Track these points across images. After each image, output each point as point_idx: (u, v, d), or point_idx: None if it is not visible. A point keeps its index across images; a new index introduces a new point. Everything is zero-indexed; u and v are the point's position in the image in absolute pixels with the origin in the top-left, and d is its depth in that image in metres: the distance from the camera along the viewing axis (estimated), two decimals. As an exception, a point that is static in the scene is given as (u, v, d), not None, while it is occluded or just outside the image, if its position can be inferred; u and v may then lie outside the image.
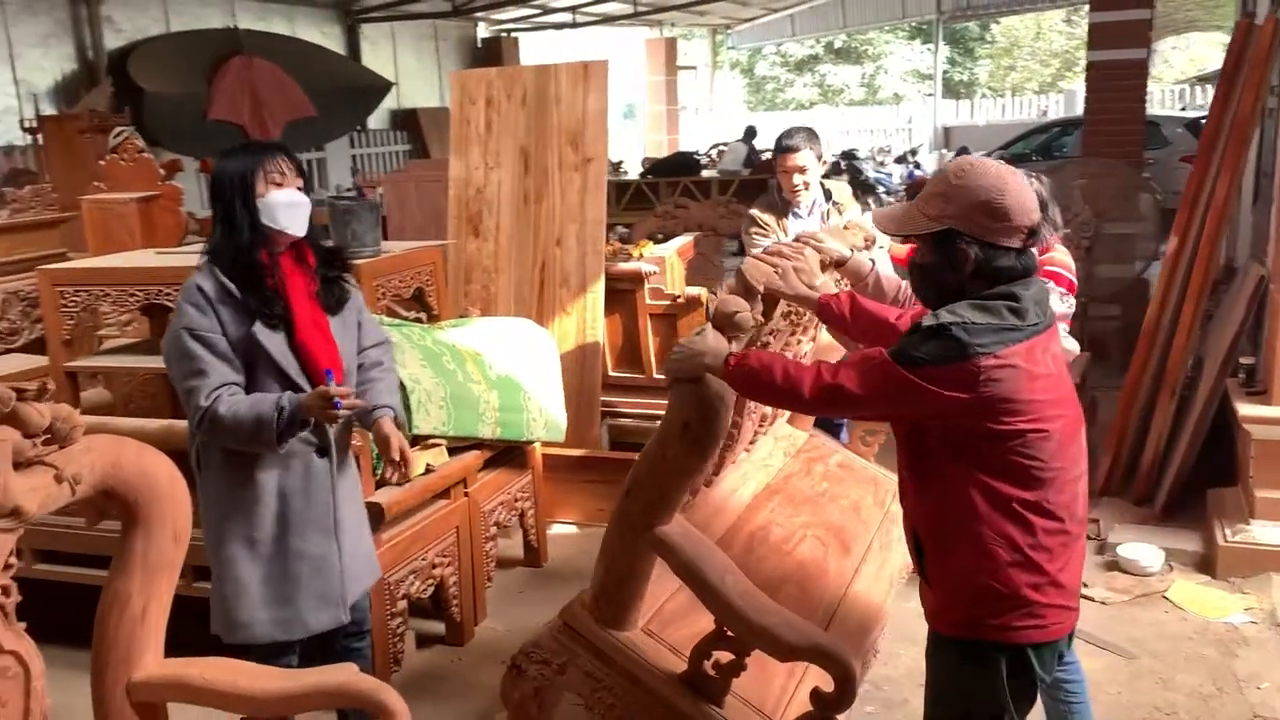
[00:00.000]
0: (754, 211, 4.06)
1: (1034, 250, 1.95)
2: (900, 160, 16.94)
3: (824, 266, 2.64)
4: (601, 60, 5.03)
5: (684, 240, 5.92)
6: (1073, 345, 2.67)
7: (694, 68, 23.78)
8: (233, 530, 2.52)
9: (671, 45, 19.98)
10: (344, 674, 2.00)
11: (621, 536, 2.35)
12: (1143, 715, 3.14)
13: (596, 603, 2.39)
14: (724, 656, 2.23)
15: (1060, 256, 3.19)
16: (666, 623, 2.44)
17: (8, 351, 5.23)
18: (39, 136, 8.78)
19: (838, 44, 25.47)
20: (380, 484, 3.26)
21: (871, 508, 3.33)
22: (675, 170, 11.53)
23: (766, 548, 2.84)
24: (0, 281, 5.25)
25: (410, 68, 16.02)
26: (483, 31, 17.98)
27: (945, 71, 25.07)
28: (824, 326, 2.76)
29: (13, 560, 1.86)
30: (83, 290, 3.98)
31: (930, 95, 22.83)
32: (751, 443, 3.30)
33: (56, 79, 10.60)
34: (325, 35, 14.35)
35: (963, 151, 14.88)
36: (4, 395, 1.85)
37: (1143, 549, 4.02)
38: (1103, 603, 3.81)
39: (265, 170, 2.45)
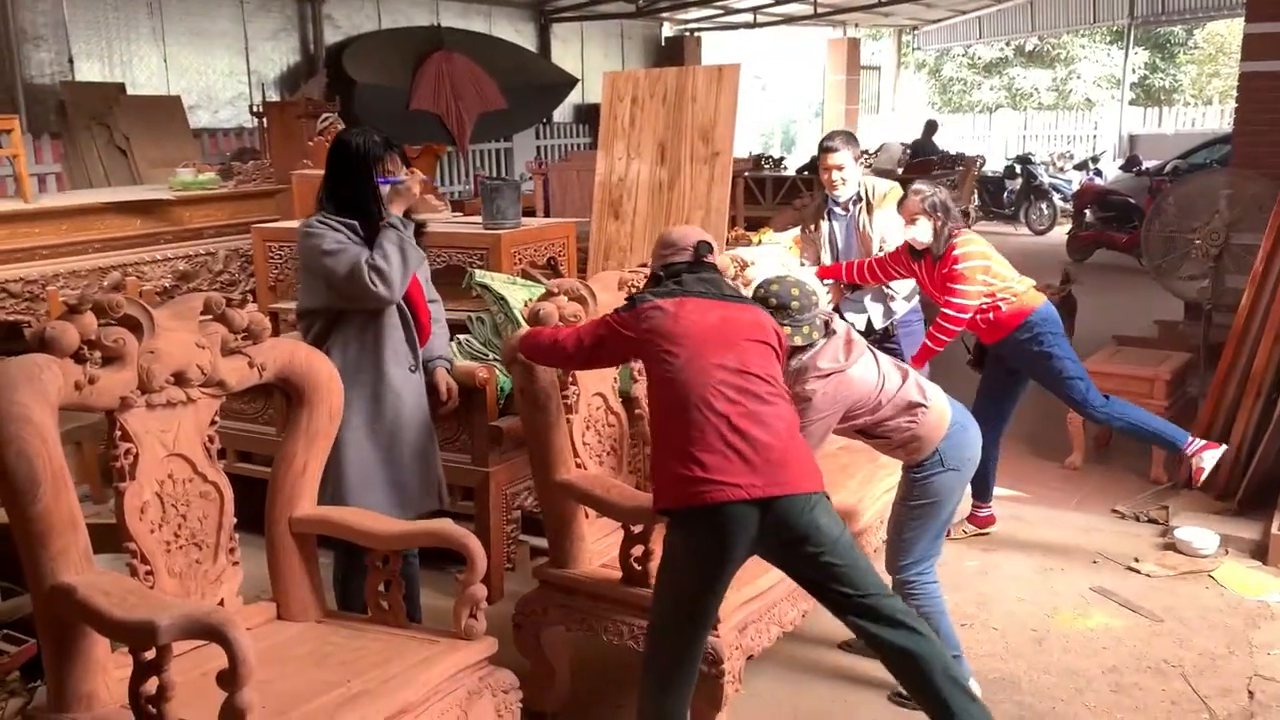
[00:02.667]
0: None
1: (708, 261, 2.84)
2: (1080, 167, 16.55)
3: None
4: (734, 64, 5.59)
5: (798, 230, 6.39)
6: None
7: (878, 68, 23.81)
8: (349, 419, 2.93)
9: (854, 46, 20.14)
10: (443, 525, 2.70)
11: (541, 490, 3.13)
12: (1149, 665, 3.48)
13: (551, 552, 3.15)
14: (638, 550, 2.89)
15: (963, 239, 3.99)
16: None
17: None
18: (264, 120, 10.04)
19: (1029, 47, 24.89)
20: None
21: (863, 464, 3.82)
22: (833, 168, 11.88)
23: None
24: (224, 240, 6.28)
25: (596, 65, 16.86)
26: (667, 31, 18.64)
27: (1146, 78, 24.11)
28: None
29: (217, 418, 2.63)
30: (286, 246, 4.88)
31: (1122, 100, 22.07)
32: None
33: (282, 69, 11.94)
34: (519, 33, 15.37)
35: (1133, 160, 14.49)
36: (217, 300, 2.63)
37: (1198, 532, 4.28)
38: (1148, 575, 4.11)
39: (383, 162, 3.05)
